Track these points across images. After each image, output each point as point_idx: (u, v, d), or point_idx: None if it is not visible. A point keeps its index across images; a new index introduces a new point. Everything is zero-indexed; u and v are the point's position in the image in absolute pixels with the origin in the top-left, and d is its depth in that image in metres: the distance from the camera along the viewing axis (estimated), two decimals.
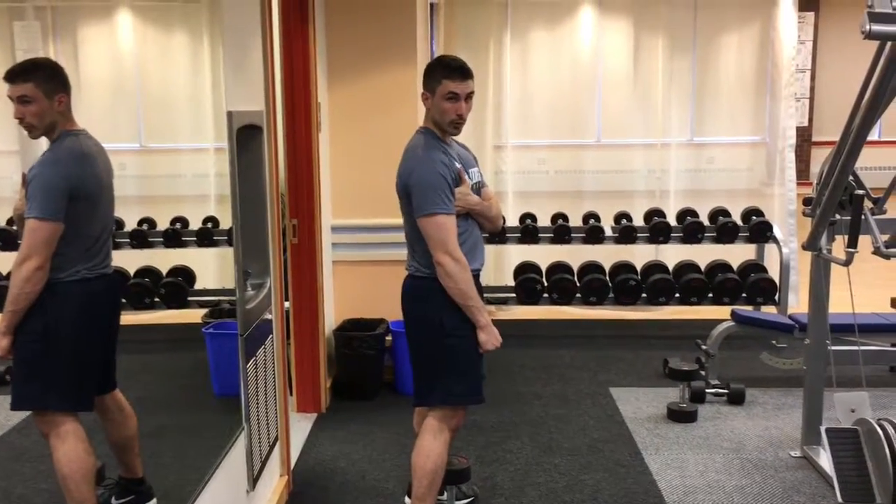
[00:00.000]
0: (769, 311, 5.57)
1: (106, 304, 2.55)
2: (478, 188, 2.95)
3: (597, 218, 6.00)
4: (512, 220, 6.06)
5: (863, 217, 3.20)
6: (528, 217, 5.96)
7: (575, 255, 5.90)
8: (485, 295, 3.04)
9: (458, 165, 2.86)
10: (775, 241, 5.72)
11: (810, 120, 12.66)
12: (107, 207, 2.50)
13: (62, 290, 2.37)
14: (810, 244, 3.58)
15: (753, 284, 5.50)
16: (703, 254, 5.85)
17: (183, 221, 4.21)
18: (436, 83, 2.84)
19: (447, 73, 2.83)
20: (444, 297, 2.82)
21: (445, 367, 2.90)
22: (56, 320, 2.37)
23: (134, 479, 2.68)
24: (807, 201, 3.72)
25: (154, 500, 2.70)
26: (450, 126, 2.87)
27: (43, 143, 2.39)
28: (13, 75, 2.25)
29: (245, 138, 2.85)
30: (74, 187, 2.30)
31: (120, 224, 3.47)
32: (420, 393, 2.97)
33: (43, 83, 2.27)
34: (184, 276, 4.15)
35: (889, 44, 2.78)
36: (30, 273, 2.27)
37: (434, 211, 2.74)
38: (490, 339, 2.91)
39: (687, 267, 5.70)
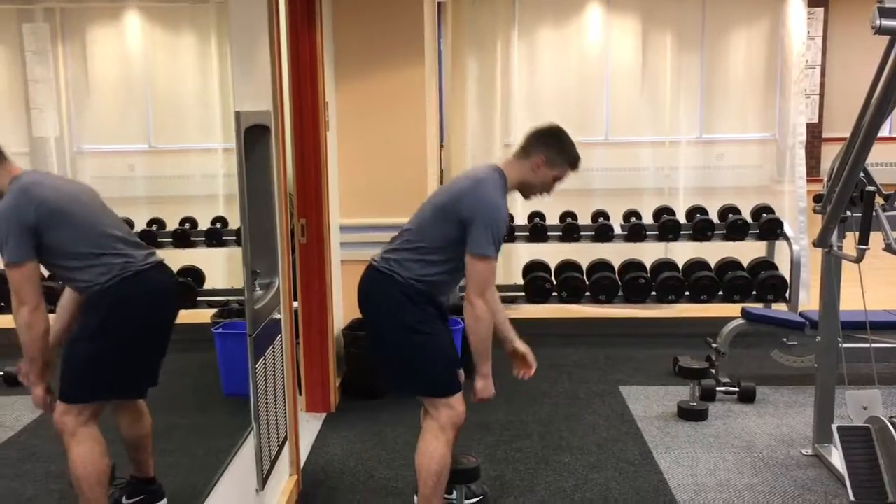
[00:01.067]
0: (780, 308, 5.54)
1: (151, 298, 2.55)
2: None
3: (606, 216, 5.98)
4: (521, 219, 6.05)
5: (874, 213, 3.18)
6: (536, 216, 5.95)
7: (584, 253, 5.88)
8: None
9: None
10: (786, 238, 5.69)
11: (820, 116, 12.59)
12: (92, 215, 2.47)
13: (100, 295, 2.41)
14: (821, 241, 3.55)
15: (764, 282, 5.47)
16: (713, 251, 5.83)
17: (192, 222, 4.22)
18: (560, 162, 2.93)
19: (575, 165, 2.98)
20: (408, 297, 2.84)
21: (416, 362, 2.90)
22: (102, 320, 2.42)
23: (145, 479, 2.69)
24: (817, 198, 3.70)
25: (165, 500, 2.70)
26: (531, 194, 3.03)
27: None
28: None
29: (253, 138, 2.85)
30: (32, 220, 2.29)
31: (129, 224, 3.48)
32: (395, 383, 3.03)
33: None
34: (193, 276, 4.16)
35: None
36: (27, 318, 2.31)
37: (489, 255, 2.79)
38: (486, 388, 2.99)
39: (697, 265, 5.68)
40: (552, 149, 2.92)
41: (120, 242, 2.47)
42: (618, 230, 5.83)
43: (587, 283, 5.60)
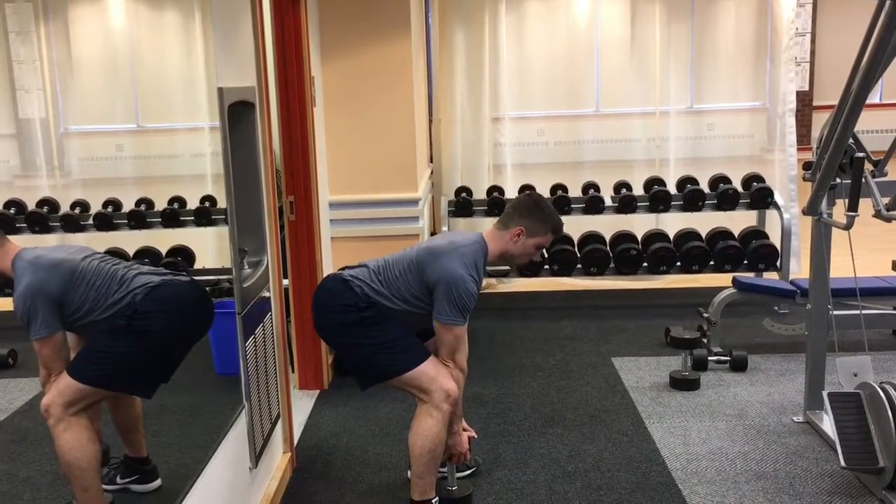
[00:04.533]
0: (771, 277, 5.56)
1: (176, 308, 2.54)
2: None
3: (596, 188, 5.97)
4: (511, 193, 6.04)
5: (863, 180, 3.17)
6: (526, 189, 5.94)
7: (575, 225, 5.87)
8: (486, 268, 3.05)
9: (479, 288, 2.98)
10: (776, 207, 5.69)
11: (811, 84, 12.55)
12: (95, 268, 2.45)
13: (126, 308, 2.41)
14: (810, 208, 3.55)
15: (755, 251, 5.48)
16: (704, 221, 5.83)
17: (181, 201, 4.19)
18: (541, 232, 3.00)
19: (555, 230, 3.04)
20: (361, 302, 2.92)
21: (378, 350, 2.94)
22: (126, 328, 2.41)
23: (139, 459, 2.69)
24: (807, 166, 3.69)
25: (159, 480, 2.71)
26: (516, 264, 3.18)
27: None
28: None
29: (237, 115, 2.82)
30: (52, 294, 2.30)
31: (118, 205, 3.46)
32: (364, 380, 3.06)
33: None
34: (183, 255, 4.14)
35: (888, 1, 2.73)
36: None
37: (456, 323, 2.90)
38: (456, 445, 3.12)
39: (688, 235, 5.68)
40: (530, 219, 2.99)
41: (131, 272, 2.48)
42: (609, 202, 5.83)
43: (578, 255, 5.60)
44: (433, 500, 2.98)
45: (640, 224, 5.98)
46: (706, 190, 5.86)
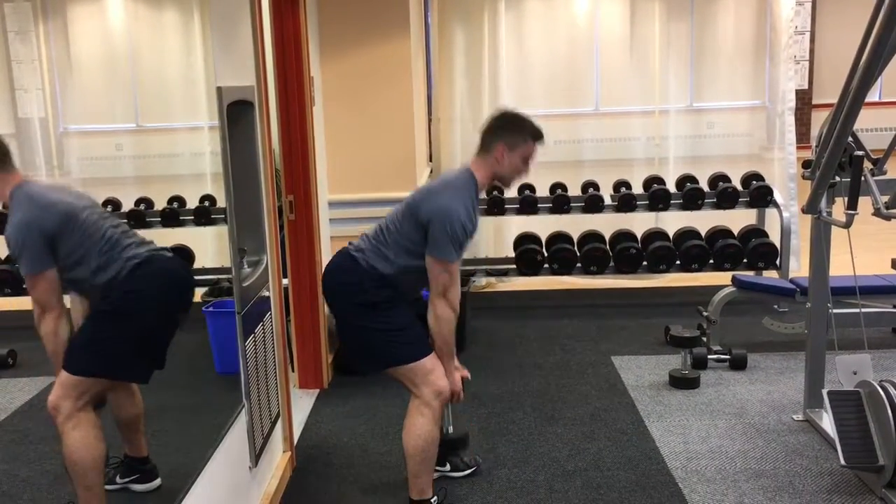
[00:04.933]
0: (770, 275, 5.56)
1: (162, 283, 2.54)
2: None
3: (596, 187, 5.97)
4: (511, 192, 6.02)
5: (863, 178, 3.17)
6: (526, 188, 5.93)
7: (574, 224, 5.88)
8: (485, 267, 3.05)
9: (476, 218, 2.91)
10: (776, 205, 5.69)
11: (810, 82, 12.54)
12: (94, 222, 2.44)
13: (109, 288, 2.40)
14: (810, 207, 3.55)
15: (754, 250, 5.48)
16: (704, 220, 5.83)
17: (180, 200, 4.19)
18: (521, 141, 2.91)
19: (537, 136, 2.94)
20: (379, 284, 2.90)
21: (386, 336, 2.93)
22: (114, 304, 2.41)
23: (139, 458, 2.69)
24: (806, 164, 3.69)
25: (159, 479, 2.71)
26: (509, 183, 3.03)
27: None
28: None
29: (236, 114, 2.82)
30: (46, 231, 2.27)
31: (117, 205, 3.45)
32: (366, 365, 3.06)
33: None
34: (183, 255, 4.14)
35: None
36: (53, 325, 2.30)
37: (449, 259, 2.83)
38: (453, 383, 3.02)
39: (687, 234, 5.68)
40: (508, 132, 2.92)
41: (124, 238, 2.47)
42: (608, 201, 5.83)
43: (578, 254, 5.60)
44: (431, 500, 2.98)
45: (639, 223, 5.98)
46: (706, 188, 5.86)
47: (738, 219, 5.85)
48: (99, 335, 2.40)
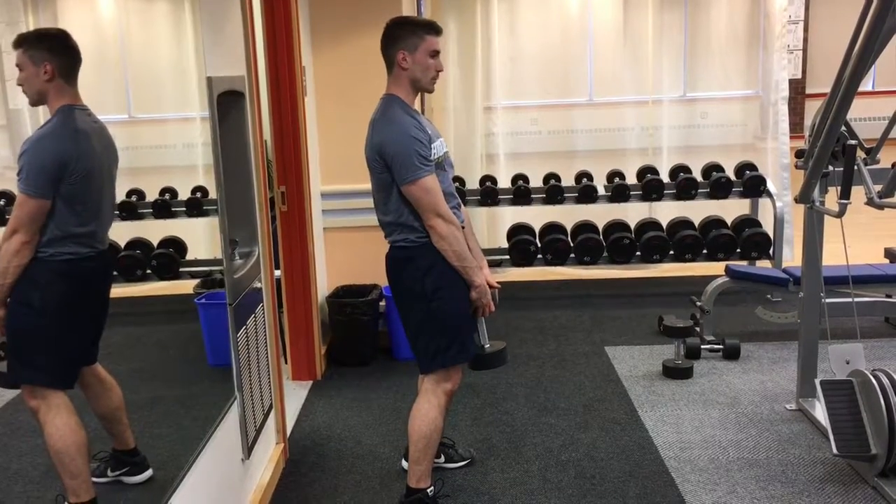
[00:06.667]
0: (764, 265, 5.56)
1: (98, 282, 2.52)
2: (442, 160, 2.91)
3: (589, 177, 5.96)
4: (504, 182, 6.02)
5: (855, 168, 3.17)
6: (520, 178, 5.93)
7: (568, 215, 5.87)
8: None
9: (429, 132, 2.83)
10: (769, 195, 5.69)
11: (804, 72, 12.54)
12: (101, 188, 2.42)
13: (53, 267, 2.34)
14: (803, 196, 3.55)
15: (747, 239, 5.49)
16: (697, 210, 5.83)
17: (172, 192, 4.17)
18: (418, 40, 2.82)
19: (429, 30, 2.84)
20: (424, 262, 2.83)
21: (432, 329, 2.90)
22: (45, 297, 2.35)
23: (127, 451, 2.67)
24: (799, 153, 3.69)
25: (150, 471, 2.70)
26: (431, 83, 2.89)
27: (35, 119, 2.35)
28: (15, 44, 2.27)
29: (227, 105, 2.80)
30: (64, 166, 2.25)
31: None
32: (422, 360, 2.98)
33: (30, 50, 2.25)
34: (175, 247, 4.12)
35: None
36: (18, 246, 2.25)
37: (418, 176, 2.74)
38: (480, 298, 2.91)
39: (681, 224, 5.68)
40: (401, 39, 2.85)
41: (100, 225, 2.42)
42: (602, 191, 5.82)
43: (572, 244, 5.60)
44: (428, 490, 2.98)
45: (633, 213, 5.98)
46: (699, 178, 5.85)
47: (731, 208, 5.86)
48: (24, 334, 2.33)
